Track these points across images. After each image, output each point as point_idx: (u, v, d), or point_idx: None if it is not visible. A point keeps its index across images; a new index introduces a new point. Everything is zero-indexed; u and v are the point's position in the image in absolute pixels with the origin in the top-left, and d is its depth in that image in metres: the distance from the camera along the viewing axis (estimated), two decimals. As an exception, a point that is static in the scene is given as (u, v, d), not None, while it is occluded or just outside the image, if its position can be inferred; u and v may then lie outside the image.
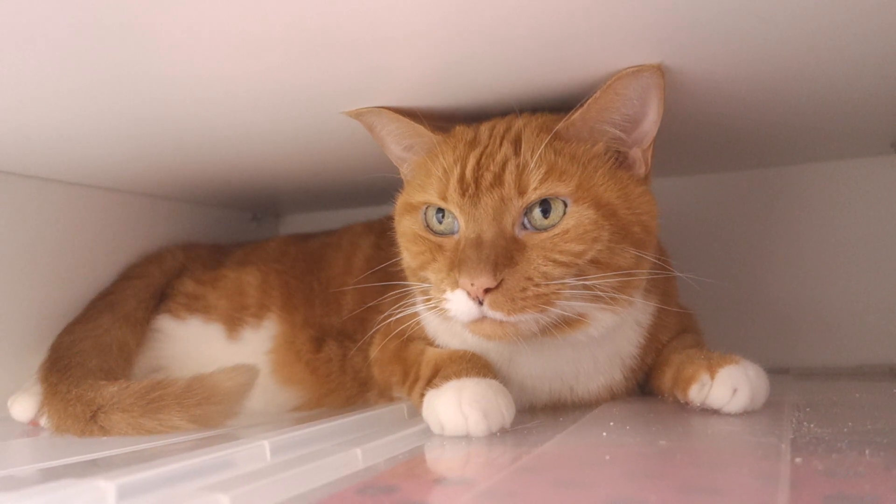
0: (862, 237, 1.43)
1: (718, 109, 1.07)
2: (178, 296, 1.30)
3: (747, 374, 0.87)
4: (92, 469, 0.78)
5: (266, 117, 1.02)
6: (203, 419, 0.97)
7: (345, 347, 1.21)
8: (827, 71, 0.94)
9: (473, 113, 1.02)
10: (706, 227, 1.50)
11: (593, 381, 0.99)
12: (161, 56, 0.80)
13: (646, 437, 0.76)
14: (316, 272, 1.32)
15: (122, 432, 0.95)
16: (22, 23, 0.70)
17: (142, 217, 1.45)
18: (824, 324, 1.43)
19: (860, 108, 1.12)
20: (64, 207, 1.29)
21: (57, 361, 1.08)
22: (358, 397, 1.20)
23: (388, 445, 0.78)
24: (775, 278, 1.47)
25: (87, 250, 1.32)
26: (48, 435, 1.01)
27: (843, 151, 1.40)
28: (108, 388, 0.98)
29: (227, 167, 1.30)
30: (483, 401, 0.82)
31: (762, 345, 1.43)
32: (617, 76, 0.86)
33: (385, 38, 0.78)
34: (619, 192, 0.89)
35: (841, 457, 0.65)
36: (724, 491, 0.57)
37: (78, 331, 1.17)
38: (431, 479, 0.68)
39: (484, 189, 0.87)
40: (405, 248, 0.97)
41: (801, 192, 1.47)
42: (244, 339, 1.26)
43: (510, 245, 0.85)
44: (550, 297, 0.84)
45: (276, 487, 0.61)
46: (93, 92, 0.89)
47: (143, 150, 1.15)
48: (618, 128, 0.91)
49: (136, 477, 0.60)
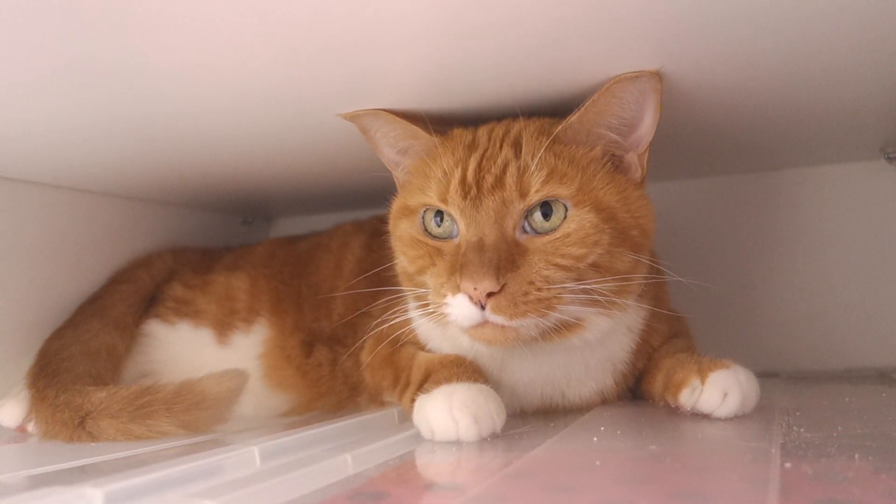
0: (850, 241, 1.43)
1: (712, 114, 1.07)
2: (168, 300, 1.30)
3: (738, 379, 0.87)
4: (80, 475, 0.77)
5: (258, 118, 1.01)
6: (192, 425, 0.96)
7: (335, 352, 1.21)
8: (820, 78, 0.95)
9: (469, 116, 1.01)
10: (695, 231, 1.50)
11: (584, 386, 0.99)
12: (151, 46, 0.78)
13: (636, 442, 0.77)
14: (305, 276, 1.31)
15: (111, 438, 0.95)
16: (10, 24, 0.70)
17: (131, 221, 1.44)
18: (814, 327, 1.44)
19: (851, 115, 1.13)
20: (52, 211, 1.28)
21: (45, 367, 1.07)
22: (348, 401, 1.20)
23: (379, 451, 0.78)
24: (765, 282, 1.48)
25: (76, 255, 1.31)
26: (36, 441, 1.00)
27: (834, 156, 1.41)
28: (96, 394, 0.97)
29: (218, 170, 1.30)
30: (474, 406, 0.82)
31: (752, 348, 1.43)
32: (615, 80, 0.87)
33: (381, 40, 0.78)
34: (618, 195, 0.89)
35: (830, 461, 0.65)
36: (714, 496, 0.57)
37: (66, 336, 1.16)
38: (422, 485, 0.68)
39: (485, 192, 0.87)
40: (402, 252, 0.97)
41: (791, 196, 1.47)
42: (234, 344, 1.25)
43: (512, 249, 0.85)
44: (552, 302, 0.84)
45: (266, 494, 0.61)
46: (79, 94, 0.88)
47: (133, 153, 1.14)
48: (614, 132, 0.91)
49: (124, 484, 0.60)
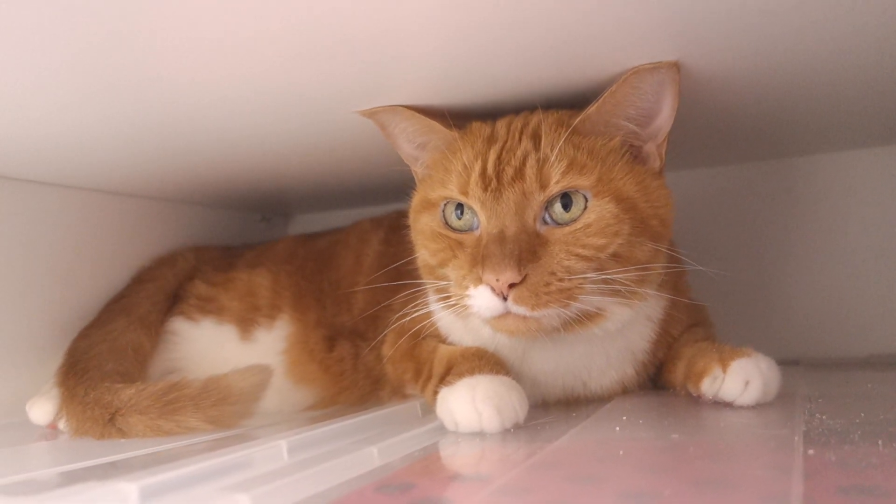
0: (872, 227, 1.42)
1: (729, 102, 1.07)
2: (191, 298, 1.32)
3: (759, 367, 0.87)
4: (112, 471, 0.79)
5: (276, 118, 1.02)
6: (219, 420, 0.98)
7: (357, 346, 1.22)
8: (839, 62, 0.93)
9: (486, 110, 1.01)
10: (714, 220, 1.49)
11: (605, 376, 1.00)
12: (167, 58, 0.80)
13: (658, 432, 0.77)
14: (325, 271, 1.32)
15: (140, 434, 0.96)
16: (29, 33, 0.71)
17: (153, 221, 1.46)
18: (835, 314, 1.43)
19: (871, 98, 1.12)
20: (76, 213, 1.30)
21: (74, 365, 1.09)
22: (371, 395, 1.21)
23: (404, 443, 0.79)
24: (785, 269, 1.47)
25: (100, 255, 1.33)
26: (67, 438, 1.02)
27: (854, 141, 1.40)
28: (125, 391, 0.99)
29: (236, 169, 1.31)
30: (496, 397, 0.83)
31: (773, 336, 1.43)
32: (633, 70, 0.87)
33: (397, 36, 0.78)
34: (637, 185, 0.89)
35: (854, 448, 0.65)
36: (738, 484, 0.57)
37: (93, 335, 1.18)
38: (447, 476, 0.69)
39: (505, 183, 0.88)
40: (423, 245, 0.97)
41: (811, 182, 1.46)
42: (257, 340, 1.27)
43: (532, 240, 0.86)
44: (573, 292, 0.84)
45: (295, 486, 0.62)
46: (101, 98, 0.90)
47: (153, 154, 1.16)
48: (633, 122, 0.91)
49: (158, 478, 0.61)
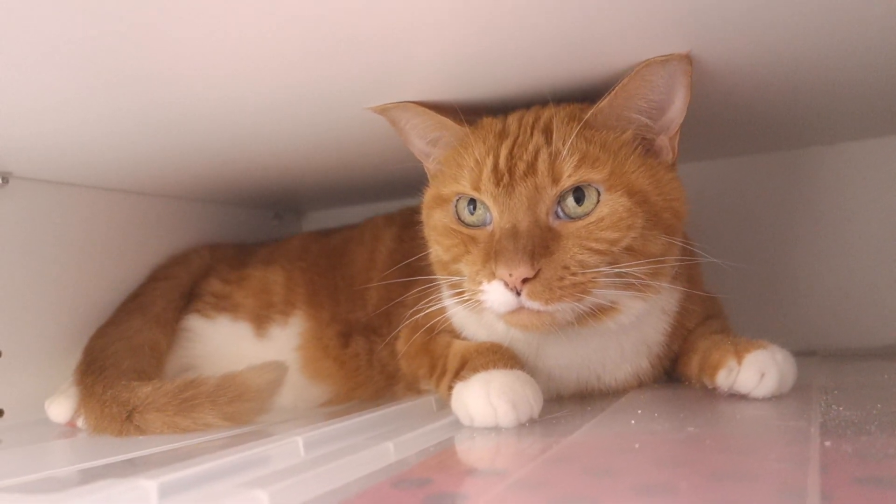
0: (887, 216, 1.41)
1: (741, 94, 1.06)
2: (206, 295, 1.33)
3: (774, 359, 0.87)
4: (131, 468, 0.80)
5: (288, 115, 1.03)
6: (235, 416, 0.99)
7: (371, 342, 1.22)
8: (851, 52, 0.93)
9: (497, 105, 1.01)
10: (727, 212, 1.49)
11: (620, 369, 1.00)
12: (180, 57, 0.80)
13: (674, 424, 0.77)
14: (339, 268, 1.33)
15: (158, 431, 0.97)
16: (43, 34, 0.71)
17: (167, 219, 1.47)
18: (850, 305, 1.42)
19: (883, 88, 1.11)
20: (91, 212, 1.31)
21: (91, 364, 1.10)
22: (385, 390, 1.22)
23: (419, 438, 0.79)
24: (800, 260, 1.46)
25: (115, 253, 1.34)
26: (85, 436, 1.03)
27: (870, 130, 1.39)
28: (142, 389, 1.00)
29: (249, 166, 1.31)
30: (511, 392, 0.83)
31: (788, 328, 1.43)
32: (645, 63, 0.86)
33: (408, 33, 0.78)
34: (650, 178, 0.89)
35: (871, 439, 0.65)
36: (755, 476, 0.57)
37: (110, 333, 1.19)
38: (463, 471, 0.69)
39: (518, 178, 0.87)
40: (436, 241, 0.97)
41: (825, 173, 1.45)
42: (272, 337, 1.28)
43: (545, 234, 0.86)
44: (587, 286, 0.84)
45: (313, 482, 0.62)
46: (113, 97, 0.90)
47: (166, 152, 1.16)
48: (645, 115, 0.91)
49: (177, 475, 0.62)
